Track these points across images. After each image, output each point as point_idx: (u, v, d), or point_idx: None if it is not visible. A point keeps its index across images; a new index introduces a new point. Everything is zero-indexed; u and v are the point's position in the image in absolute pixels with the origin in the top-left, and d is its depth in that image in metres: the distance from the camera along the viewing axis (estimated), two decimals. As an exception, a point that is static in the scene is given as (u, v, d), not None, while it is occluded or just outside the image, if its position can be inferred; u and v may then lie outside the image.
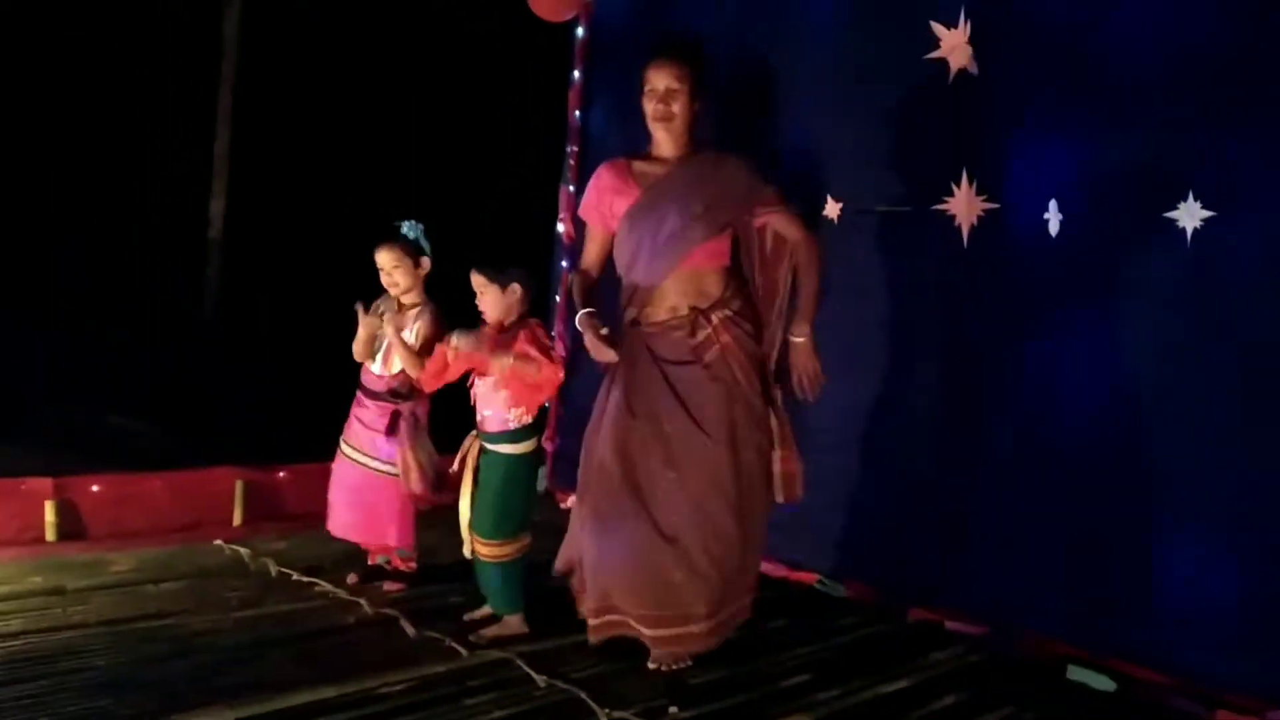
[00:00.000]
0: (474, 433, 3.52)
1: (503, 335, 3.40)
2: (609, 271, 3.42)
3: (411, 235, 3.85)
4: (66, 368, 8.25)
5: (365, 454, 3.89)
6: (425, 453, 3.81)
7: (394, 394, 3.85)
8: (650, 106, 3.20)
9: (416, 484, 3.78)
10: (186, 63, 11.31)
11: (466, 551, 3.54)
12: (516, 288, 3.42)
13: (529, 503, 3.55)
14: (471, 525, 3.48)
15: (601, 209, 3.34)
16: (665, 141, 3.26)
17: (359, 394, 3.96)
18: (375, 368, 3.89)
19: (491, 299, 3.43)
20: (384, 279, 3.85)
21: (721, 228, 3.22)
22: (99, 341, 9.13)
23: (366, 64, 12.33)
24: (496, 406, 3.42)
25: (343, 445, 3.97)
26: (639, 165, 3.30)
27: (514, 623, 3.50)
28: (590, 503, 3.30)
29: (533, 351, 3.32)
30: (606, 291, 3.43)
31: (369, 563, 4.04)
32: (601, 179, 3.34)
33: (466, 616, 3.59)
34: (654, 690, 3.10)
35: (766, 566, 4.36)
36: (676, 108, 3.17)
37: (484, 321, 3.46)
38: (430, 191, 10.84)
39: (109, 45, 11.56)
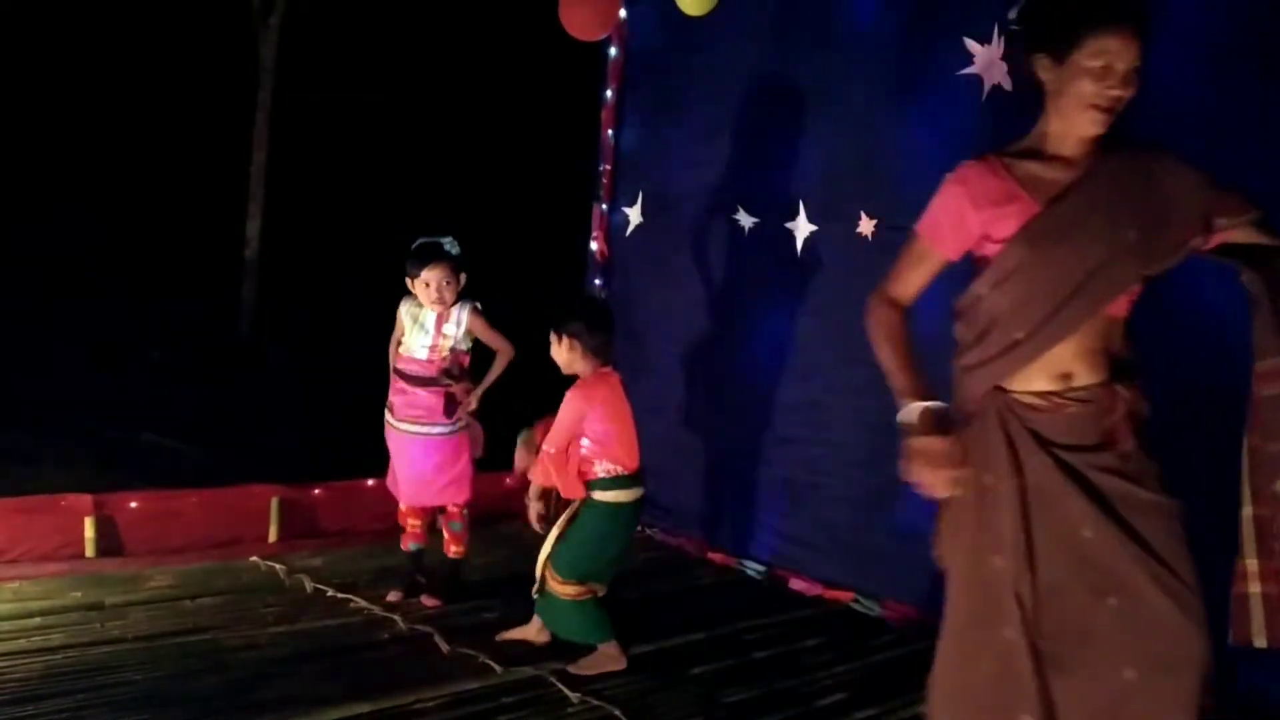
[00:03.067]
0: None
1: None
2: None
3: (455, 251, 3.91)
4: (105, 386, 8.34)
5: (424, 424, 3.90)
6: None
7: (447, 374, 3.89)
8: (1094, 89, 2.08)
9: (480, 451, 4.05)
10: (224, 89, 11.51)
11: (536, 592, 3.50)
12: (565, 339, 3.41)
13: (610, 553, 3.45)
14: (549, 557, 3.44)
15: (966, 225, 2.21)
16: (1070, 135, 2.16)
17: (402, 383, 3.93)
18: (421, 355, 3.90)
19: (553, 350, 3.46)
20: (430, 294, 3.84)
21: (1160, 262, 2.13)
22: (138, 360, 9.24)
23: (399, 85, 12.48)
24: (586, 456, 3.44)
25: (400, 424, 3.94)
26: (1024, 167, 2.19)
27: (610, 652, 3.39)
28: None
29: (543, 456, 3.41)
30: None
31: (410, 569, 4.04)
32: (968, 182, 2.20)
33: (499, 637, 3.57)
34: (688, 708, 3.08)
35: (799, 584, 4.35)
36: (1132, 91, 2.10)
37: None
38: (463, 211, 10.93)
39: (150, 73, 11.80)
